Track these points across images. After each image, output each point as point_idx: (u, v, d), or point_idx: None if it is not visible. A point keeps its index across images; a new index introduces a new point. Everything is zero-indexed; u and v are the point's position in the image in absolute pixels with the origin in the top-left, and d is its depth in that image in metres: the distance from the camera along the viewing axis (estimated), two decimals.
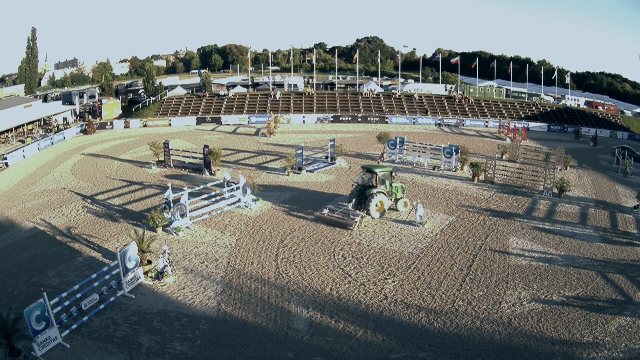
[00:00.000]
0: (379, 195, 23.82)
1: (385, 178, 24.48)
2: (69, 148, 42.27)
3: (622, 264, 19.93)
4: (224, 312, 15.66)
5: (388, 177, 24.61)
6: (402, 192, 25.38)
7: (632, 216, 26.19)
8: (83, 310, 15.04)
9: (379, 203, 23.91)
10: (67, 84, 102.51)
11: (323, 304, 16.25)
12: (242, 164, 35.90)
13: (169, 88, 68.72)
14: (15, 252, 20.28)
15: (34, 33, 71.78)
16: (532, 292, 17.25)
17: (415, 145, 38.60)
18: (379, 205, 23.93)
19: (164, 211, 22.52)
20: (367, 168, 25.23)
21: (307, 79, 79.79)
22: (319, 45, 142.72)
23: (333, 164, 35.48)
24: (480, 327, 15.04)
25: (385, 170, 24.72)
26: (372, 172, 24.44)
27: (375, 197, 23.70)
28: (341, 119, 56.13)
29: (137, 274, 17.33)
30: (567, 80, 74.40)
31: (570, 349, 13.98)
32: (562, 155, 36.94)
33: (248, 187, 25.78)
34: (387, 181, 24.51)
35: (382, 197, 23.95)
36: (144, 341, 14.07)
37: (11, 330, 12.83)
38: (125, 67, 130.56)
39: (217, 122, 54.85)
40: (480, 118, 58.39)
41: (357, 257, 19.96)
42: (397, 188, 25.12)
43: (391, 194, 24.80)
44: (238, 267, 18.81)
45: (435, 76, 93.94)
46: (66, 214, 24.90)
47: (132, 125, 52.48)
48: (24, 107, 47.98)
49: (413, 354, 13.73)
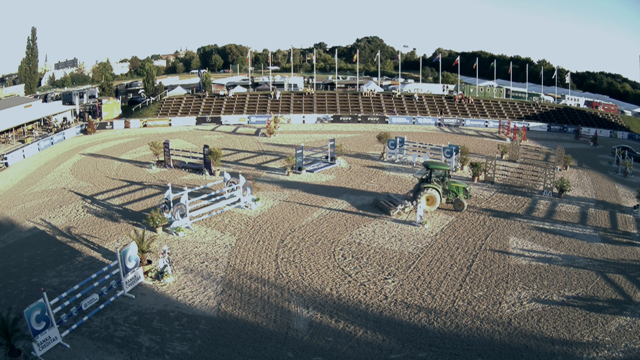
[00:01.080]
0: (430, 190, 24.84)
1: (441, 175, 25.55)
2: (69, 148, 42.27)
3: (622, 264, 19.94)
4: (224, 312, 15.67)
5: (444, 175, 25.59)
6: (463, 193, 25.71)
7: (632, 216, 26.19)
8: (83, 310, 15.05)
9: (430, 197, 24.95)
10: (67, 84, 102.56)
11: (323, 304, 16.25)
12: (242, 164, 35.90)
13: (169, 88, 68.69)
14: (15, 252, 20.28)
15: (34, 33, 71.87)
16: (532, 292, 17.26)
17: (415, 145, 38.60)
18: (429, 199, 24.97)
19: (164, 211, 22.52)
20: (425, 164, 26.53)
21: (307, 79, 79.79)
22: (319, 45, 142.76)
23: (333, 164, 35.48)
24: (480, 327, 15.05)
25: (441, 168, 25.83)
26: (428, 168, 25.86)
27: (426, 191, 24.85)
28: (341, 119, 56.13)
29: (137, 274, 17.33)
30: (567, 80, 74.40)
31: (570, 349, 13.98)
32: (562, 155, 36.94)
33: (248, 187, 25.79)
34: (445, 179, 25.54)
35: (433, 192, 24.87)
36: (144, 341, 14.08)
37: (11, 330, 12.83)
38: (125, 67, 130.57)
39: (217, 122, 54.85)
40: (480, 118, 58.39)
41: (357, 257, 19.97)
42: (458, 188, 25.72)
43: (448, 191, 25.64)
44: (238, 267, 18.81)
45: (435, 76, 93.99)
46: (66, 214, 24.90)
47: (132, 125, 52.47)
48: (24, 107, 47.96)
49: (413, 354, 13.73)
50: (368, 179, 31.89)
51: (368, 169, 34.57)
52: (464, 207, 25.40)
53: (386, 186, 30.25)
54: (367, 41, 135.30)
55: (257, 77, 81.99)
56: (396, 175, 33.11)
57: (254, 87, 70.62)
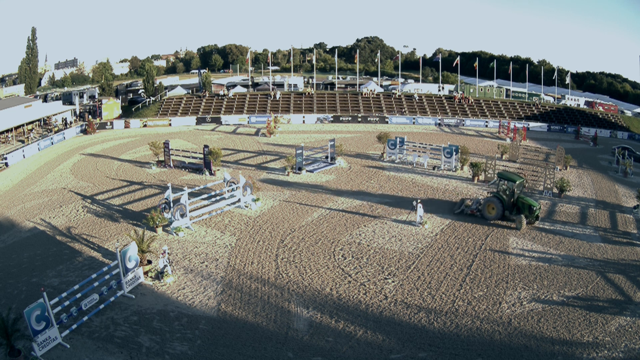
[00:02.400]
0: (493, 199, 24.13)
1: (509, 187, 24.06)
2: (69, 148, 42.27)
3: (622, 264, 19.94)
4: (224, 312, 15.67)
5: (514, 187, 23.91)
6: (528, 211, 23.39)
7: (632, 216, 26.19)
8: (83, 310, 15.05)
9: (490, 205, 24.18)
10: (67, 84, 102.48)
11: (323, 304, 16.26)
12: (242, 164, 35.90)
13: (169, 88, 68.68)
14: (15, 252, 20.28)
15: (34, 33, 71.83)
16: (532, 292, 17.26)
17: (415, 145, 38.60)
18: (491, 207, 24.10)
19: (164, 211, 22.53)
20: (498, 174, 25.63)
21: (307, 79, 79.76)
22: (319, 45, 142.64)
23: (333, 164, 35.48)
24: (480, 327, 15.05)
25: (511, 179, 24.26)
26: (500, 177, 25.02)
27: (488, 198, 24.37)
28: (341, 119, 56.11)
29: (137, 274, 17.33)
30: (567, 80, 74.34)
31: (570, 349, 13.98)
32: (562, 155, 36.93)
33: (248, 187, 25.79)
34: (515, 191, 23.92)
35: (495, 202, 23.94)
36: (144, 341, 14.08)
37: (11, 330, 12.84)
38: (125, 67, 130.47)
39: (217, 122, 54.84)
40: (480, 118, 58.36)
41: (357, 257, 19.96)
42: (523, 204, 23.60)
43: (513, 205, 23.85)
44: (238, 267, 18.81)
45: (435, 76, 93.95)
46: (66, 214, 24.90)
47: (132, 125, 52.46)
48: (24, 107, 47.95)
49: (413, 354, 13.74)
50: (368, 179, 31.90)
51: (368, 169, 34.57)
52: (520, 227, 22.99)
53: (386, 186, 30.26)
54: (367, 41, 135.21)
55: (257, 77, 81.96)
56: (396, 175, 33.12)
57: (254, 87, 70.61)
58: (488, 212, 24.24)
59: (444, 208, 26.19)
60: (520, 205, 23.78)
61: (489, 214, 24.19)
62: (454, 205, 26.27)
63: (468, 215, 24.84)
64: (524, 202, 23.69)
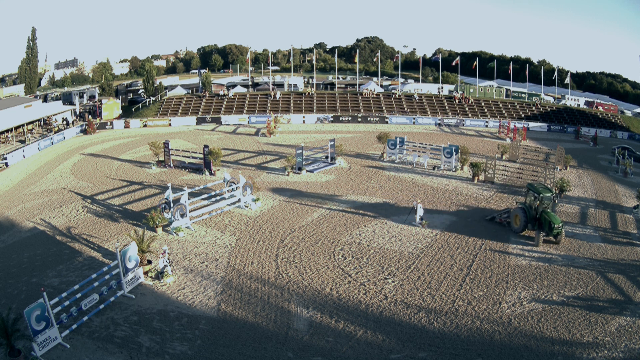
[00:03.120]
0: (519, 210, 23.27)
1: (535, 201, 22.88)
2: (69, 148, 42.26)
3: (622, 264, 19.94)
4: (224, 312, 15.67)
5: (540, 201, 22.69)
6: (548, 228, 21.85)
7: (632, 216, 26.19)
8: (83, 310, 15.05)
9: (515, 217, 23.27)
10: (67, 84, 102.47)
11: (323, 304, 16.26)
12: (242, 164, 35.90)
13: (169, 88, 68.65)
14: (15, 252, 20.28)
15: (34, 33, 71.77)
16: (532, 292, 17.26)
17: (415, 145, 38.59)
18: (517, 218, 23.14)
19: (164, 211, 22.53)
20: (529, 184, 24.41)
21: (307, 79, 79.75)
22: (319, 45, 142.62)
23: (333, 164, 35.48)
24: (480, 327, 15.05)
25: (537, 191, 23.01)
26: (528, 188, 23.82)
27: (515, 209, 23.56)
28: (341, 119, 56.11)
29: (137, 274, 17.34)
30: (567, 80, 74.26)
31: (570, 349, 13.98)
32: (562, 155, 36.93)
33: (248, 187, 25.79)
34: (540, 205, 22.72)
35: (520, 213, 23.07)
36: (144, 341, 14.08)
37: (11, 330, 12.84)
38: (125, 67, 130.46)
39: (217, 122, 54.83)
40: (480, 118, 58.34)
41: (357, 257, 19.97)
42: (545, 219, 22.14)
43: (536, 218, 22.66)
44: (238, 267, 18.81)
45: (435, 76, 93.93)
46: (66, 214, 24.90)
47: (132, 125, 52.45)
48: (24, 107, 47.91)
49: (413, 354, 13.74)
50: (368, 179, 31.90)
51: (368, 169, 34.57)
52: (537, 244, 21.81)
53: (386, 186, 30.26)
54: (367, 41, 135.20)
55: (257, 77, 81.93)
56: (396, 175, 33.12)
57: (254, 87, 70.59)
58: (515, 222, 23.41)
59: (444, 208, 26.17)
60: (543, 220, 22.36)
61: (515, 225, 23.37)
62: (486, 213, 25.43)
63: (497, 224, 24.13)
64: (546, 218, 22.20)
